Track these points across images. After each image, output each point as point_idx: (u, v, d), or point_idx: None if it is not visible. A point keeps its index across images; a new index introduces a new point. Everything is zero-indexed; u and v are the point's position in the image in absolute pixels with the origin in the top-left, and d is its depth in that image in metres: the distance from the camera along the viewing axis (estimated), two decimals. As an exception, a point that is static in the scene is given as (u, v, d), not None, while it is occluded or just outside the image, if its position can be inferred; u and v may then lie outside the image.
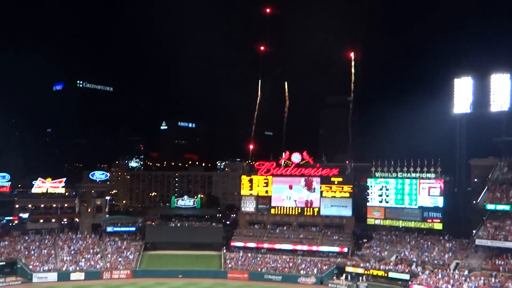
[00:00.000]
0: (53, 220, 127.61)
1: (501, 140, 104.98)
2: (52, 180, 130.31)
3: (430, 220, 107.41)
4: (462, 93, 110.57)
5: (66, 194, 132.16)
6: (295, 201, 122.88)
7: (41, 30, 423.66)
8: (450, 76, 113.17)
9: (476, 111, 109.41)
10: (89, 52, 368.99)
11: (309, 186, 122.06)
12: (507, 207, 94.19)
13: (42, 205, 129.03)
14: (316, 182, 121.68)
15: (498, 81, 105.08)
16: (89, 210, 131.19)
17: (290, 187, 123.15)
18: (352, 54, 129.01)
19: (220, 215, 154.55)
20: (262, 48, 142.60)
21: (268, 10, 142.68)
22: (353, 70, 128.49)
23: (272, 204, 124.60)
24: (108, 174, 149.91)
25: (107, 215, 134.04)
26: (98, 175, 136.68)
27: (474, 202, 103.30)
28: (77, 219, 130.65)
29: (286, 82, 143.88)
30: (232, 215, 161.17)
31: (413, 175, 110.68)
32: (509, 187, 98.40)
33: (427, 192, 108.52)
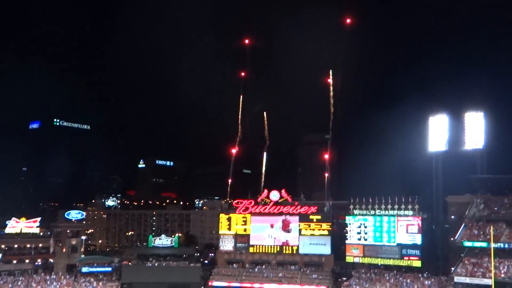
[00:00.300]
0: (27, 261, 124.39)
1: (477, 178, 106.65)
2: (26, 219, 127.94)
3: (409, 258, 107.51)
4: (438, 131, 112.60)
5: (41, 234, 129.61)
6: (275, 239, 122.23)
7: (17, 68, 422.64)
8: (426, 114, 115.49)
9: (451, 148, 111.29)
10: (66, 90, 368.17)
11: (287, 225, 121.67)
12: (484, 244, 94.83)
13: (16, 245, 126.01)
14: (294, 220, 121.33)
15: (472, 119, 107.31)
16: (64, 250, 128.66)
17: (272, 226, 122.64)
18: (331, 93, 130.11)
19: (198, 254, 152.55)
20: (242, 74, 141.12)
21: (247, 41, 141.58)
22: (332, 109, 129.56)
23: (251, 243, 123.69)
24: (84, 213, 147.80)
25: (83, 255, 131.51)
26: (74, 215, 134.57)
27: (452, 239, 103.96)
28: (51, 260, 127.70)
29: (265, 113, 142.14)
30: (210, 254, 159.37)
31: (391, 212, 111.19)
32: (485, 224, 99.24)
33: (405, 229, 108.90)
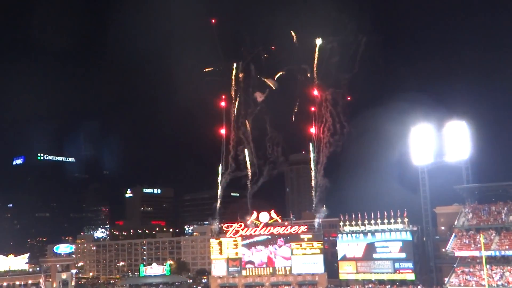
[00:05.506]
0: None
1: (463, 187, 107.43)
2: (14, 256, 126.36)
3: (402, 271, 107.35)
4: (423, 143, 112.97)
5: (30, 270, 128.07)
6: (267, 260, 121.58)
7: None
8: (410, 127, 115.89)
9: (437, 159, 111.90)
10: (49, 124, 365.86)
11: (278, 246, 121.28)
12: (475, 253, 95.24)
13: (5, 283, 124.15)
14: (286, 241, 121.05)
15: (455, 128, 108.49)
16: (54, 285, 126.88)
17: (263, 248, 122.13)
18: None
19: (191, 281, 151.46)
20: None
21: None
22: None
23: (243, 266, 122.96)
24: (73, 247, 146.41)
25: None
26: (63, 248, 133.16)
27: (443, 250, 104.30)
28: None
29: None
30: (203, 280, 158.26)
31: (381, 227, 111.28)
32: (475, 233, 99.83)
33: (396, 243, 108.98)
